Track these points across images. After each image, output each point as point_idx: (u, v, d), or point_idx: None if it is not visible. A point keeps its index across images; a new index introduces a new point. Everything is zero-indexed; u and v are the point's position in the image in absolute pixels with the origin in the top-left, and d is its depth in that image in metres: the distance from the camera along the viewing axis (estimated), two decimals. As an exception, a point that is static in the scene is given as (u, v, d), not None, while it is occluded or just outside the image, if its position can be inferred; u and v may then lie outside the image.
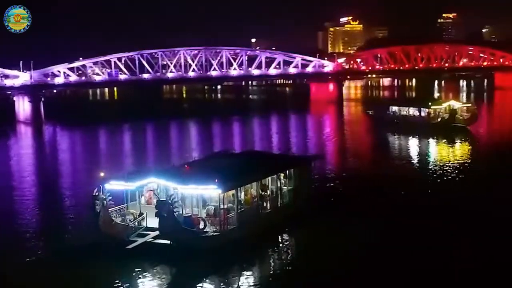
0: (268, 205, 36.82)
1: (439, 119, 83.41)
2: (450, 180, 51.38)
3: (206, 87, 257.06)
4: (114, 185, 33.86)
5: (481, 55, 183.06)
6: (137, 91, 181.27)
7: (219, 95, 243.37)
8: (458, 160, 61.99)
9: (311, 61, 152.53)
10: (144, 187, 34.85)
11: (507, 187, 45.80)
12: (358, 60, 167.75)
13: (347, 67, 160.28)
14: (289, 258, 33.17)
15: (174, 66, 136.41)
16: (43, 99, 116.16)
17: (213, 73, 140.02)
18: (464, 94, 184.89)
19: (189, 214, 32.57)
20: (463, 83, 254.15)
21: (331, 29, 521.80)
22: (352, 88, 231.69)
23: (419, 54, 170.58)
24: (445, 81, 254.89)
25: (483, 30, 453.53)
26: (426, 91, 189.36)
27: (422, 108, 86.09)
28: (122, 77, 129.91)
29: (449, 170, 55.42)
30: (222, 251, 31.25)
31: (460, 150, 70.93)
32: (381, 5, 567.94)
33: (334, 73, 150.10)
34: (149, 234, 32.60)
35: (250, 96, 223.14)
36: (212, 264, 30.65)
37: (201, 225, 32.40)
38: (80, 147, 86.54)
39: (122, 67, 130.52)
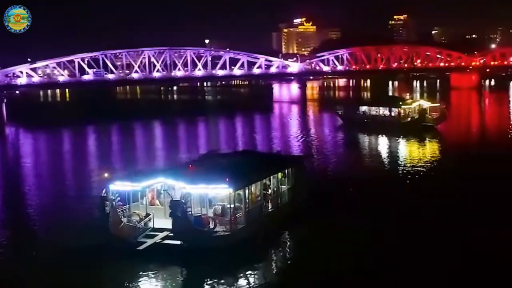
0: (270, 204, 36.96)
1: (409, 119, 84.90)
2: (431, 177, 52.70)
3: (162, 87, 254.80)
4: (119, 186, 33.40)
5: (438, 56, 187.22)
6: (89, 92, 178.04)
7: (175, 96, 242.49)
8: (434, 158, 63.64)
9: (272, 61, 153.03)
10: (147, 188, 34.47)
11: (480, 182, 47.11)
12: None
13: (309, 67, 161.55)
14: (297, 257, 33.26)
15: (138, 67, 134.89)
16: (5, 100, 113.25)
17: (178, 73, 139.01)
18: (418, 95, 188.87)
19: (199, 214, 32.38)
20: (416, 83, 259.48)
21: (285, 30, 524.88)
22: (308, 89, 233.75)
23: (378, 55, 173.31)
24: (398, 81, 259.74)
25: (433, 32, 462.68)
26: (381, 91, 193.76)
27: (392, 108, 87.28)
28: (86, 77, 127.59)
29: (429, 168, 56.89)
30: (233, 251, 31.14)
31: (434, 149, 72.28)
32: (334, 7, 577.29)
33: (297, 74, 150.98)
34: (157, 235, 32.30)
35: (207, 97, 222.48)
36: (225, 264, 30.40)
37: (211, 225, 32.29)
38: (45, 149, 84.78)
39: (85, 67, 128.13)
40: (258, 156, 43.11)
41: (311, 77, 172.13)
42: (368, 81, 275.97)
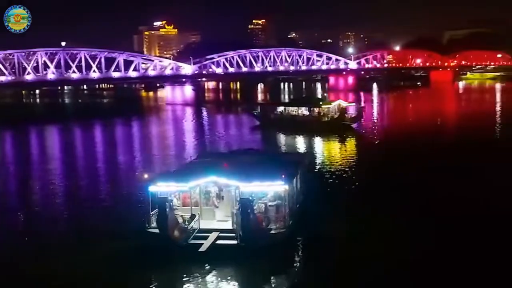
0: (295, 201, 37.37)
1: (329, 118, 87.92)
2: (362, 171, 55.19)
3: (24, 91, 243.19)
4: (162, 187, 32.26)
5: (318, 59, 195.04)
6: None
7: (37, 100, 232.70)
8: (364, 153, 68.03)
9: (165, 63, 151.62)
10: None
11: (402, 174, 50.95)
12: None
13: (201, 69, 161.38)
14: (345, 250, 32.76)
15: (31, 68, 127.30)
16: None
17: (73, 75, 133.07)
18: (286, 96, 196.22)
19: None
20: (284, 86, 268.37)
21: (146, 33, 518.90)
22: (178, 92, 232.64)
23: (265, 58, 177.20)
24: (265, 84, 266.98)
25: (289, 36, 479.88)
26: (250, 92, 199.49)
27: (312, 108, 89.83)
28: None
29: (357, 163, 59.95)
30: (288, 248, 31.53)
31: (359, 145, 76.19)
32: (194, 10, 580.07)
33: (191, 76, 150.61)
34: (205, 236, 31.64)
35: (68, 101, 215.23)
36: (285, 261, 30.67)
37: (265, 223, 32.19)
38: None
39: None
40: (270, 154, 43.17)
41: (204, 79, 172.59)
42: (238, 83, 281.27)
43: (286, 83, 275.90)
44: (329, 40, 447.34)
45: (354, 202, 41.81)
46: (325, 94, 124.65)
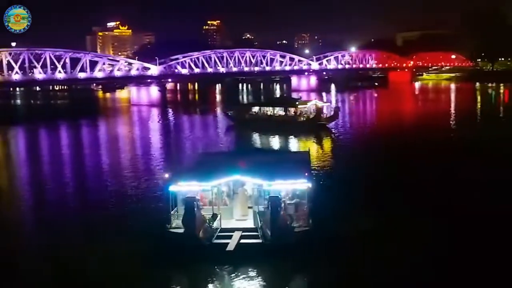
0: None
1: (305, 118, 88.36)
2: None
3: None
4: (184, 187, 32.08)
5: (282, 60, 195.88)
6: None
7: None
8: (342, 151, 69.10)
9: (132, 64, 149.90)
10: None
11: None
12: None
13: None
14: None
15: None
16: None
17: (39, 76, 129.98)
18: (245, 97, 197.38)
19: (276, 210, 32.08)
20: (242, 86, 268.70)
21: (100, 33, 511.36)
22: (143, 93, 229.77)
23: (230, 58, 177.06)
24: (222, 84, 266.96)
25: (244, 37, 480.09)
26: (210, 94, 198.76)
27: (288, 108, 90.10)
28: None
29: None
30: (312, 246, 31.44)
31: (336, 144, 76.85)
32: (148, 10, 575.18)
33: (157, 76, 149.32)
34: (227, 235, 31.63)
35: (20, 102, 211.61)
36: (308, 259, 30.64)
37: (289, 221, 32.26)
38: None
39: None
40: (278, 154, 43.33)
41: (170, 80, 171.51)
42: (196, 84, 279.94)
43: (245, 84, 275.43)
44: (284, 41, 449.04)
45: (351, 201, 41.65)
46: (300, 95, 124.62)
